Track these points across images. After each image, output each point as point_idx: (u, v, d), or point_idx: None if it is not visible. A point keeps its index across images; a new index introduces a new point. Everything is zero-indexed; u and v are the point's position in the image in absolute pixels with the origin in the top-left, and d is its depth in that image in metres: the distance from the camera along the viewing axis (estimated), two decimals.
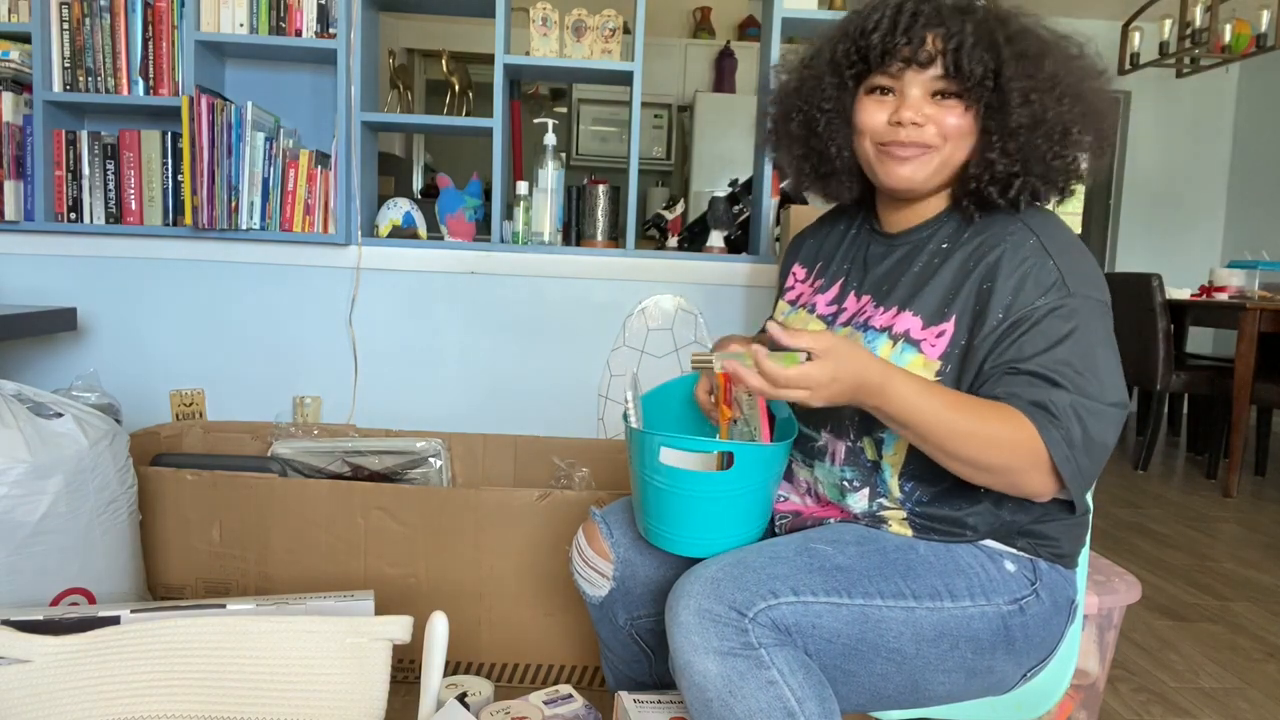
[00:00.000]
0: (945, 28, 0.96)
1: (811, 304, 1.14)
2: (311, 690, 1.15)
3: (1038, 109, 0.95)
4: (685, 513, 0.99)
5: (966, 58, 0.95)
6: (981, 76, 0.95)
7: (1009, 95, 0.95)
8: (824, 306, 1.12)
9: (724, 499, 0.98)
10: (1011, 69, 0.95)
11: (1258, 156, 5.39)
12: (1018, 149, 0.96)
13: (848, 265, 1.12)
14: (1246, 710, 1.71)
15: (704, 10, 5.33)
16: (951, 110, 0.98)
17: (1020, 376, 0.90)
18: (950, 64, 0.96)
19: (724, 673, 0.86)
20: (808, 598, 0.89)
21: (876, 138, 1.02)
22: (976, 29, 0.96)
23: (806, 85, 1.08)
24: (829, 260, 1.16)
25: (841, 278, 1.12)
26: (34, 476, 1.32)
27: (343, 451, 2.01)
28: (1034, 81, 0.95)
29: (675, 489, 0.98)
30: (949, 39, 0.96)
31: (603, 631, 1.23)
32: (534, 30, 2.22)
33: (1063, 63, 0.98)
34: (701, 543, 1.00)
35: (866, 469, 1.02)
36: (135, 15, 2.10)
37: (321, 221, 2.15)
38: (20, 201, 2.11)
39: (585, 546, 1.18)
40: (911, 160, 1.00)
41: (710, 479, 0.98)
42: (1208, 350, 5.40)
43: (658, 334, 2.26)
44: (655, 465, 0.98)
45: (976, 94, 0.96)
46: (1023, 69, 0.95)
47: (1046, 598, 0.99)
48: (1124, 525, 3.00)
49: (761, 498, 1.01)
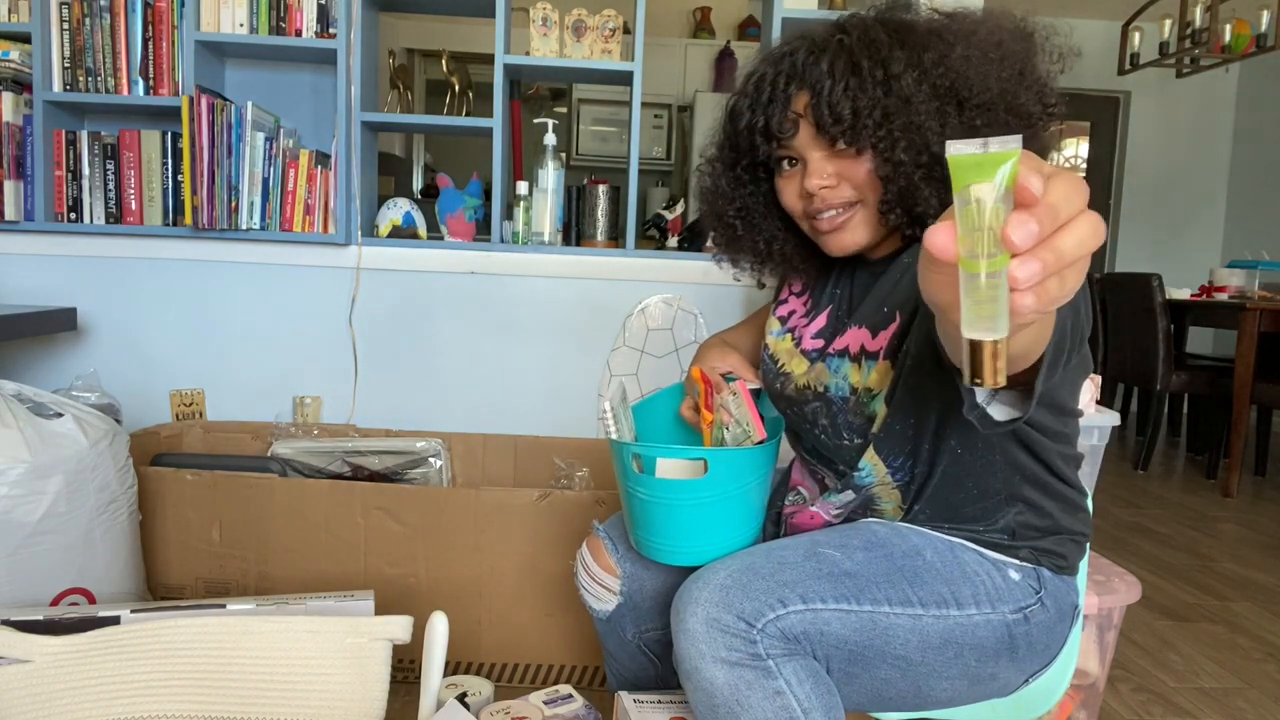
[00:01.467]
0: (803, 81, 0.90)
1: (799, 336, 1.09)
2: (311, 690, 1.15)
3: (917, 139, 0.87)
4: (673, 522, 0.98)
5: (831, 110, 0.88)
6: (853, 121, 0.88)
7: (881, 133, 0.88)
8: (809, 340, 1.07)
9: (711, 504, 0.96)
10: (882, 102, 0.87)
11: (1258, 156, 5.39)
12: (909, 185, 0.89)
13: (837, 292, 1.08)
14: (1246, 710, 1.71)
15: (704, 10, 5.33)
16: (853, 160, 0.91)
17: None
18: (821, 119, 0.89)
19: (731, 682, 0.86)
20: (816, 605, 0.89)
21: (801, 215, 0.97)
22: (835, 70, 0.88)
23: (720, 185, 1.03)
24: (821, 283, 1.12)
25: (830, 305, 1.08)
26: (34, 476, 1.32)
27: (343, 451, 2.01)
28: (907, 106, 0.87)
29: (659, 499, 0.96)
30: (812, 94, 0.89)
31: (609, 644, 1.22)
32: (534, 30, 2.22)
33: (943, 66, 0.88)
34: (694, 551, 0.99)
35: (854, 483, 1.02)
36: (135, 15, 2.10)
37: (321, 221, 2.15)
38: (20, 201, 2.11)
39: (591, 562, 1.17)
40: (841, 227, 0.95)
41: (690, 486, 0.95)
42: (1208, 350, 5.40)
43: (658, 334, 2.26)
44: (635, 477, 0.97)
45: (865, 135, 0.88)
46: (896, 96, 0.87)
47: (1051, 606, 0.98)
48: (1124, 525, 3.00)
49: (753, 500, 1.00)
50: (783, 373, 1.08)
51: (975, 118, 0.89)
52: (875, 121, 0.88)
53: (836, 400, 0.99)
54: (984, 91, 0.88)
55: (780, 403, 1.10)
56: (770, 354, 1.12)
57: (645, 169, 5.11)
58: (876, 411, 0.95)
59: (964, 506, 0.97)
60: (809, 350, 1.06)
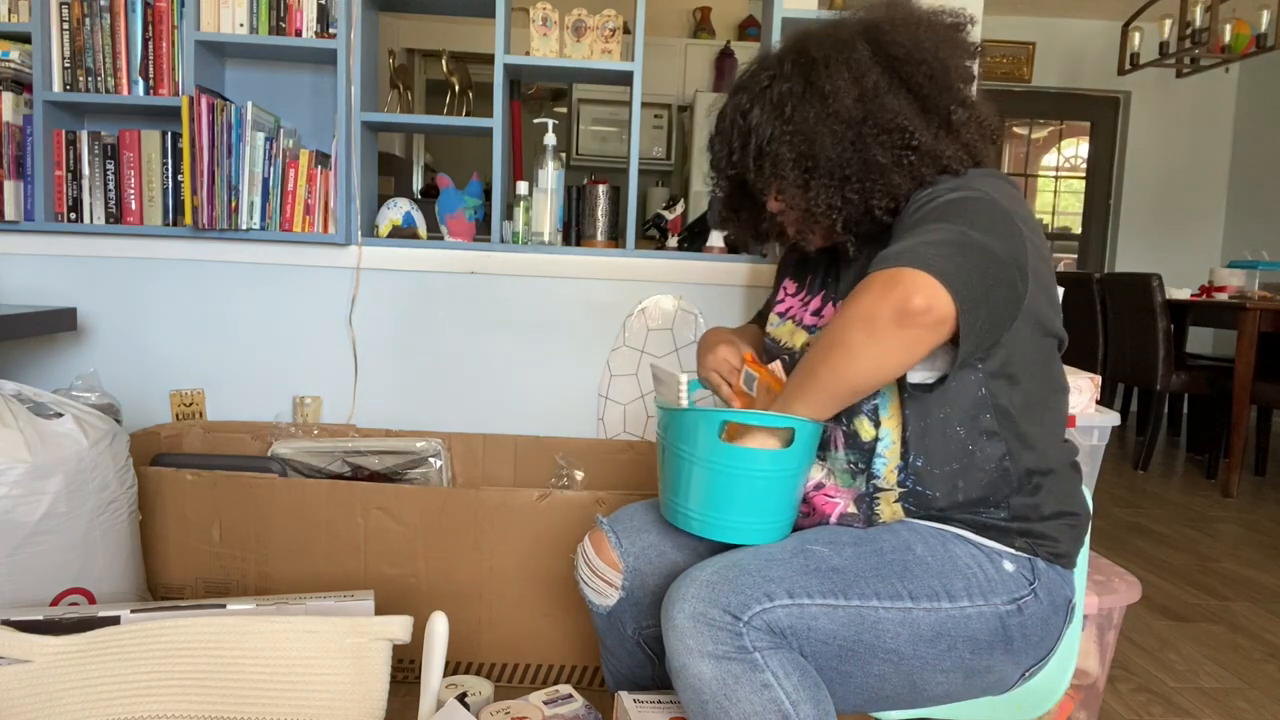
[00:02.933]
0: (724, 139, 1.10)
1: (799, 316, 1.17)
2: (311, 690, 1.15)
3: (821, 193, 1.03)
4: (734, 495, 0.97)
5: (753, 163, 1.06)
6: (768, 179, 1.06)
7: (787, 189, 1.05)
8: (809, 317, 1.16)
9: (780, 478, 0.97)
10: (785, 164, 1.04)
11: (1258, 156, 5.39)
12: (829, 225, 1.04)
13: (830, 278, 1.16)
14: (1246, 710, 1.71)
15: (704, 10, 5.34)
16: (780, 198, 1.08)
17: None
18: (751, 173, 1.07)
19: (719, 676, 0.87)
20: (803, 600, 0.89)
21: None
22: (750, 126, 1.06)
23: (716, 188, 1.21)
24: (815, 273, 1.19)
25: (824, 289, 1.16)
26: (34, 476, 1.32)
27: (343, 451, 2.01)
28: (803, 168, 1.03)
29: (732, 469, 0.95)
30: (745, 148, 1.07)
31: (608, 639, 1.22)
32: (534, 30, 2.22)
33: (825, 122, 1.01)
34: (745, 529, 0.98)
35: (865, 450, 1.03)
36: (135, 15, 2.10)
37: (321, 221, 2.15)
38: (20, 201, 2.11)
39: (593, 556, 1.16)
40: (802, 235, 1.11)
41: (777, 456, 0.95)
42: (1208, 350, 5.40)
43: (658, 334, 2.26)
44: (715, 445, 0.96)
45: (780, 189, 1.06)
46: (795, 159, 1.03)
47: (1045, 597, 0.99)
48: (1124, 525, 3.00)
49: (804, 481, 1.02)
50: (785, 348, 1.16)
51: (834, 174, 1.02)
52: (772, 178, 1.06)
53: None
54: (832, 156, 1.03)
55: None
56: (772, 339, 1.20)
57: (645, 169, 5.11)
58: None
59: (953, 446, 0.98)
60: (809, 325, 1.14)
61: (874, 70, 1.01)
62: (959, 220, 0.90)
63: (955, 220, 0.90)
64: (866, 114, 1.00)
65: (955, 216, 0.91)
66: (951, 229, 0.89)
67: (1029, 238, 0.94)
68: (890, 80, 1.01)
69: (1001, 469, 0.98)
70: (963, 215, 0.91)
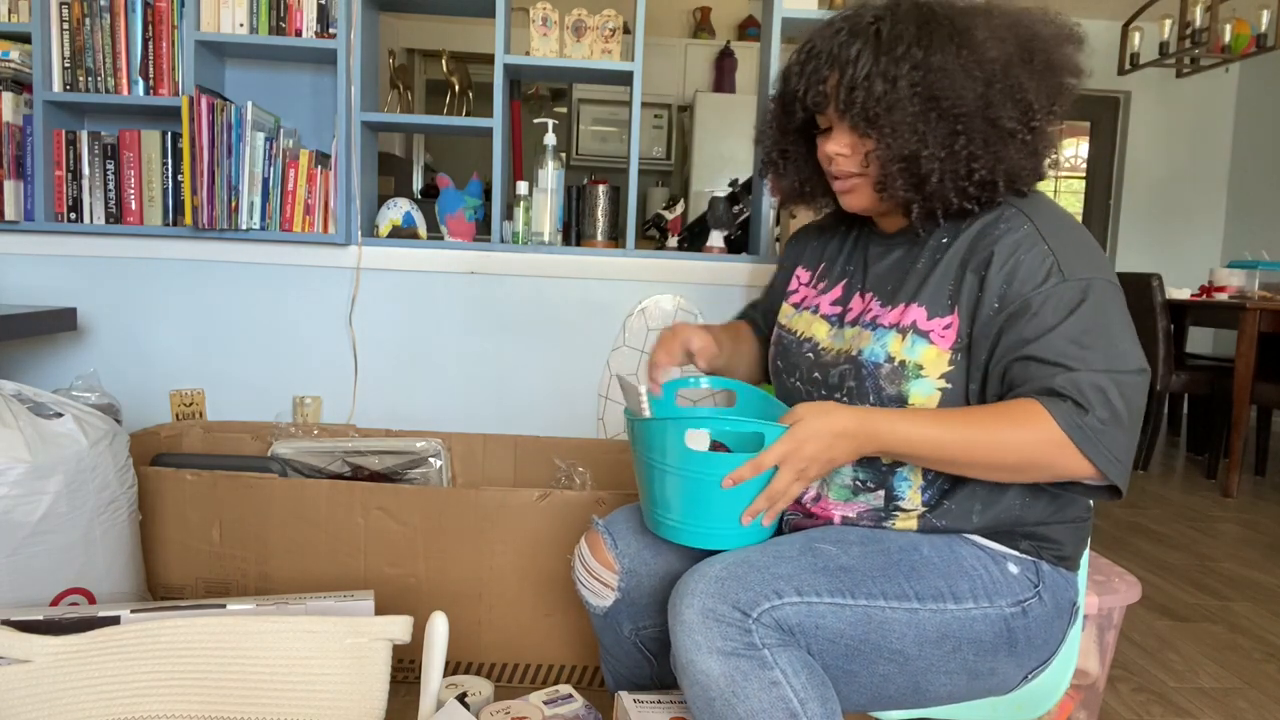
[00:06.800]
0: (835, 63, 0.97)
1: (815, 305, 1.14)
2: (311, 690, 1.15)
3: (930, 139, 0.94)
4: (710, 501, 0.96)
5: (847, 95, 0.96)
6: (862, 108, 0.95)
7: (882, 123, 0.96)
8: (827, 307, 1.12)
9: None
10: (887, 96, 0.94)
11: (1258, 156, 5.39)
12: (921, 176, 0.96)
13: (850, 266, 1.13)
14: (1246, 710, 1.71)
15: (704, 10, 5.34)
16: (863, 138, 0.99)
17: (1029, 364, 0.91)
18: (843, 103, 0.97)
19: (727, 672, 0.86)
20: (812, 598, 0.89)
21: (826, 171, 1.07)
22: (860, 60, 0.95)
23: (771, 128, 1.13)
24: (832, 262, 1.16)
25: (845, 279, 1.13)
26: (34, 476, 1.32)
27: (343, 451, 2.01)
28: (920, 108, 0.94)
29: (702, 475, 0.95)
30: (842, 78, 0.96)
31: (605, 639, 1.22)
32: (534, 30, 2.22)
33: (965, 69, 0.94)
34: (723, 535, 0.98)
35: (882, 471, 1.02)
36: (135, 15, 2.10)
37: (321, 221, 2.15)
38: (20, 201, 2.11)
39: (589, 557, 1.16)
40: (849, 190, 1.04)
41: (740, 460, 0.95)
42: (1208, 350, 5.40)
43: (657, 334, 2.26)
44: (683, 452, 0.95)
45: (871, 121, 0.96)
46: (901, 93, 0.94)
47: (1049, 600, 0.99)
48: (1124, 525, 3.00)
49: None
50: (804, 338, 1.12)
51: (955, 124, 0.95)
52: (878, 113, 0.95)
53: (868, 365, 1.00)
54: (961, 104, 0.94)
55: (799, 372, 1.11)
56: (787, 330, 1.16)
57: (645, 169, 5.11)
58: (912, 390, 0.97)
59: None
60: (829, 315, 1.11)
61: (1010, 39, 0.96)
62: (1117, 339, 0.91)
63: (1114, 339, 0.90)
64: (1002, 75, 0.94)
65: (1110, 331, 0.91)
66: (1112, 356, 0.89)
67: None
68: (1021, 54, 0.96)
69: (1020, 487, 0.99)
70: (1114, 328, 0.91)
